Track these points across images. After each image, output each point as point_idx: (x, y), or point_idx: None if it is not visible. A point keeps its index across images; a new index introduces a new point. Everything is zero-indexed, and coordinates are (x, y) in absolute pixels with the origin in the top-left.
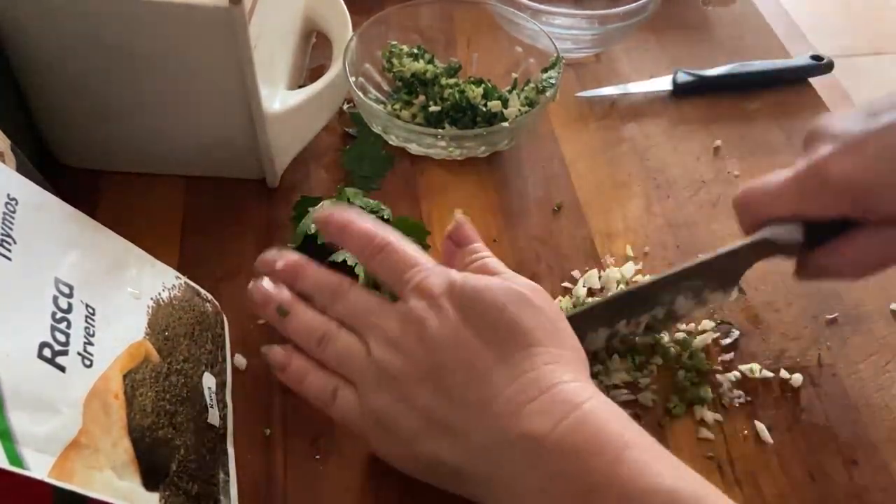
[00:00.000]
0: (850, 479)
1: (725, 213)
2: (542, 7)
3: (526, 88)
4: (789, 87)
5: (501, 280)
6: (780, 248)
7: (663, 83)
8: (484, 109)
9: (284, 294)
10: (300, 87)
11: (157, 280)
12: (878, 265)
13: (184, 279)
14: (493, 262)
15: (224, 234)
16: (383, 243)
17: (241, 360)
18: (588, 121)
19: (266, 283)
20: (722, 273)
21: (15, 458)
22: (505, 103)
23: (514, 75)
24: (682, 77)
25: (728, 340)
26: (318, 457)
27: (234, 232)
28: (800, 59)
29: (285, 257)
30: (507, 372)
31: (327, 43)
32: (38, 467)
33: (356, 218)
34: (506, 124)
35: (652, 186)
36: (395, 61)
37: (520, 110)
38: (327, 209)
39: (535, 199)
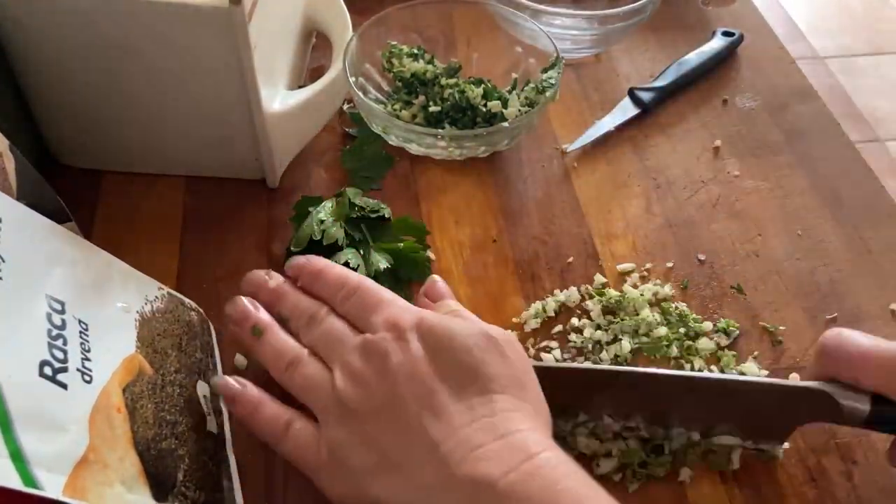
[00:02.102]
0: (849, 480)
1: (725, 214)
2: (541, 7)
3: (526, 89)
4: (788, 88)
5: (474, 323)
6: (838, 408)
7: (627, 108)
8: (484, 110)
9: (262, 314)
10: (300, 87)
11: (141, 293)
12: None
13: (166, 290)
14: (468, 313)
15: (224, 234)
16: (356, 284)
17: (241, 360)
18: (588, 121)
19: (245, 301)
20: (769, 411)
21: (29, 479)
22: (505, 103)
23: (515, 75)
24: (642, 95)
25: (728, 340)
26: None
27: (234, 232)
28: (717, 40)
29: (275, 279)
30: (464, 414)
31: (327, 43)
32: (52, 487)
33: (329, 265)
34: (506, 124)
35: (652, 186)
36: (395, 61)
37: (520, 110)
38: (299, 259)
39: (535, 199)
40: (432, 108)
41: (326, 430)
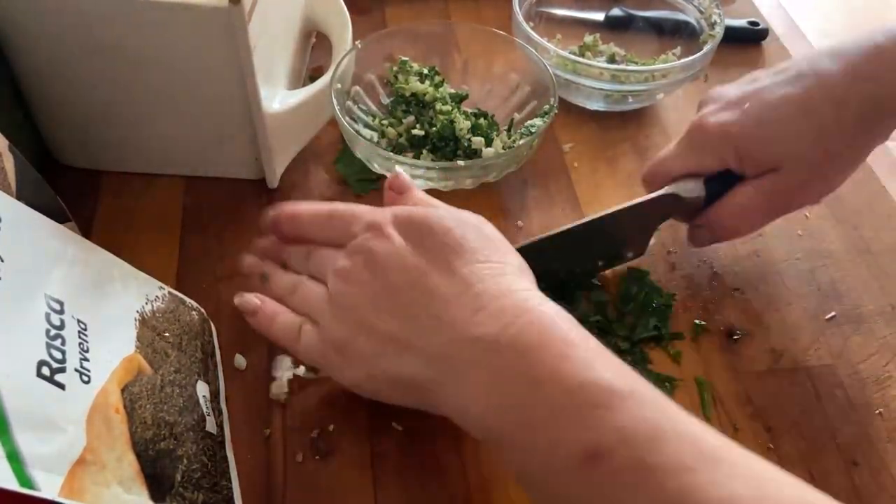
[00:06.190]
0: (850, 480)
1: None
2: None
3: (521, 130)
4: None
5: (446, 208)
6: (682, 202)
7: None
8: (466, 144)
9: (269, 264)
10: (300, 87)
11: (142, 292)
12: (761, 217)
13: (167, 289)
14: (436, 201)
15: (224, 234)
16: (328, 210)
17: (240, 360)
18: (588, 121)
19: (250, 256)
20: (634, 228)
21: (25, 480)
22: (490, 143)
23: (516, 115)
24: (615, 12)
25: (729, 340)
26: (317, 457)
27: (234, 232)
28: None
29: (269, 239)
30: (456, 286)
31: (327, 43)
32: (49, 488)
33: (297, 206)
34: (478, 160)
35: None
36: (400, 77)
37: (498, 153)
38: (269, 213)
39: (535, 199)
40: (415, 132)
41: (326, 330)
